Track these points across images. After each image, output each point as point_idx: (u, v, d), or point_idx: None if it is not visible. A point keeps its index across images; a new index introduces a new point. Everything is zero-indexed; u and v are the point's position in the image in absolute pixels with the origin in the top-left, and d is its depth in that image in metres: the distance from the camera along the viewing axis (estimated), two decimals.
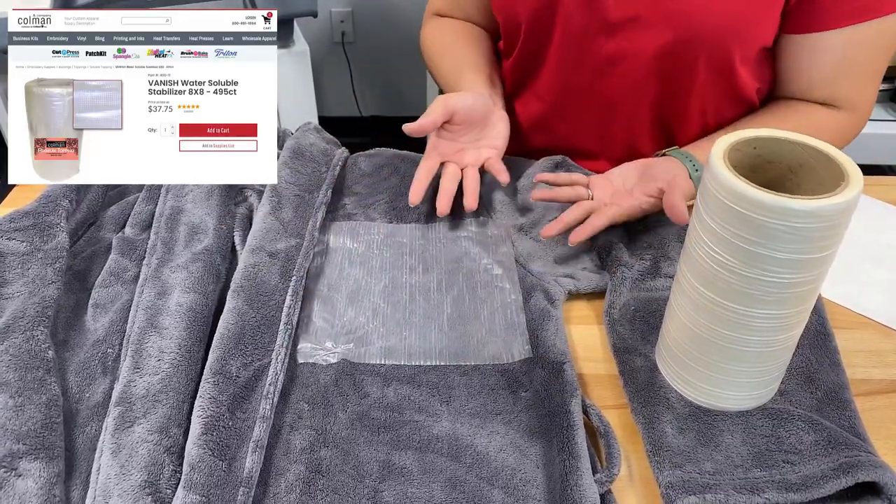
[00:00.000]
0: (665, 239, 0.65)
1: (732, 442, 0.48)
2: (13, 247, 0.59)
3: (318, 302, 0.60)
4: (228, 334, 0.52)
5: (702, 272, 0.46)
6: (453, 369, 0.54)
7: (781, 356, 0.49)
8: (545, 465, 0.47)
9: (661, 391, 0.52)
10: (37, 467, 0.45)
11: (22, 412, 0.47)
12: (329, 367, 0.54)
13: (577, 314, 0.61)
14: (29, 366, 0.50)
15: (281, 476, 0.46)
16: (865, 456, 0.45)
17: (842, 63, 0.69)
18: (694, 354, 0.49)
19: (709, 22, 0.67)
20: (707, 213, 0.44)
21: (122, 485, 0.44)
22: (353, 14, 2.16)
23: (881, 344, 0.59)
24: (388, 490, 0.46)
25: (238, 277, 0.57)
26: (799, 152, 0.46)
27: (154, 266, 0.59)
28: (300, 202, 0.67)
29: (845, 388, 0.52)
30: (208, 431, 0.46)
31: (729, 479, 0.45)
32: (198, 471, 0.44)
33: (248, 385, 0.51)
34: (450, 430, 0.49)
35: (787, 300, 0.44)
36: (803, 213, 0.40)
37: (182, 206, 0.65)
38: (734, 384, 0.49)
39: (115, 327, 0.56)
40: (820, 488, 0.44)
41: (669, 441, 0.48)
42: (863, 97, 0.73)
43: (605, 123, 0.79)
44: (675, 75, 0.72)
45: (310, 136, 0.76)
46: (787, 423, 0.49)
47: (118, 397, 0.49)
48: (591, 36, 0.72)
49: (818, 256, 0.42)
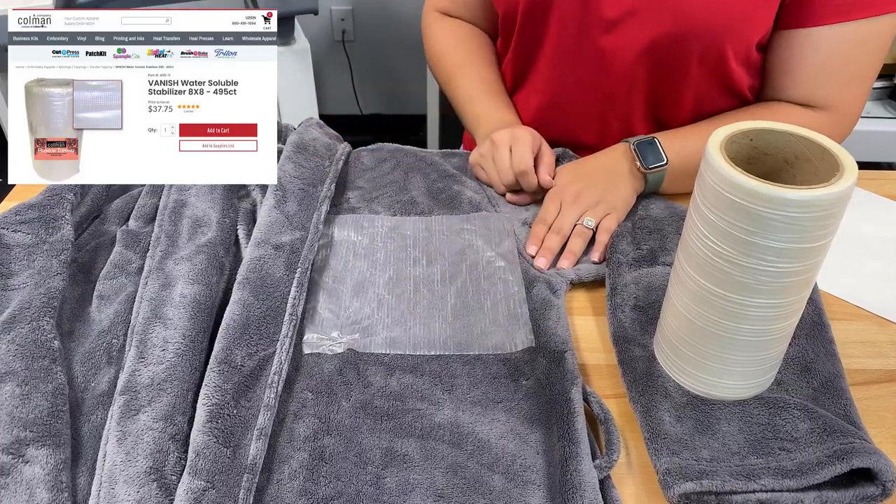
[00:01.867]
0: (664, 229, 0.66)
1: (729, 430, 0.49)
2: (19, 239, 0.60)
3: (323, 294, 0.61)
4: (234, 325, 0.53)
5: (699, 262, 0.47)
6: (456, 359, 0.55)
7: (778, 346, 0.50)
8: (545, 452, 0.48)
9: (659, 380, 0.52)
10: (44, 454, 0.45)
11: (29, 400, 0.48)
12: (333, 356, 0.55)
13: (578, 305, 0.62)
14: (35, 355, 0.51)
15: (284, 463, 0.47)
16: (860, 443, 0.46)
17: (826, 62, 0.69)
18: (691, 344, 0.50)
19: (703, 16, 0.67)
20: (704, 203, 0.45)
21: (127, 471, 0.45)
22: (353, 12, 2.16)
23: (877, 335, 0.59)
24: (390, 476, 0.47)
25: (244, 270, 0.58)
26: (795, 144, 0.47)
27: (158, 258, 0.60)
28: (304, 196, 0.68)
29: (841, 377, 0.52)
30: (213, 419, 0.47)
31: (725, 466, 0.46)
32: (203, 457, 0.45)
33: (253, 374, 0.51)
34: (451, 417, 0.50)
35: (783, 290, 0.45)
36: (799, 202, 0.41)
37: (185, 199, 0.66)
38: (731, 373, 0.50)
39: (120, 318, 0.57)
40: (815, 474, 0.44)
41: (667, 429, 0.49)
42: (845, 99, 0.72)
43: (602, 116, 0.80)
44: (669, 68, 0.73)
45: (312, 131, 0.76)
46: (783, 411, 0.50)
47: (123, 386, 0.50)
48: (586, 29, 0.73)
49: (814, 246, 0.43)
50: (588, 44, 0.74)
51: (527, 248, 0.67)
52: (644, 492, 0.48)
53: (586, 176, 0.71)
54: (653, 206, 0.70)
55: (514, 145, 0.72)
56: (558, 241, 0.66)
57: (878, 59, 0.70)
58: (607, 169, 0.71)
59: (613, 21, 0.71)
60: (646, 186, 0.71)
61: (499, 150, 0.72)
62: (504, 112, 0.81)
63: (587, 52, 0.75)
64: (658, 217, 0.68)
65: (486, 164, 0.75)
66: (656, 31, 0.70)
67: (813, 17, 0.67)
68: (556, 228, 0.67)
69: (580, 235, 0.67)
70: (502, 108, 0.81)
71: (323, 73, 2.27)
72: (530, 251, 0.66)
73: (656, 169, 0.69)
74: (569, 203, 0.69)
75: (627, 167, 0.70)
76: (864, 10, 0.65)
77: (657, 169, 0.69)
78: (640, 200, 0.71)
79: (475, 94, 0.83)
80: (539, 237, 0.67)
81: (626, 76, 0.75)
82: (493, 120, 0.79)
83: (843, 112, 0.72)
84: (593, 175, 0.71)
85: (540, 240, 0.67)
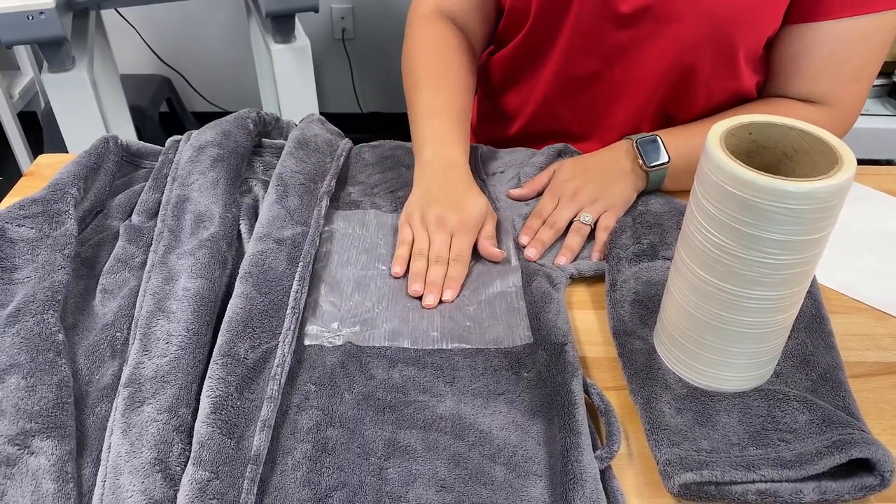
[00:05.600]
0: (664, 223, 0.66)
1: (729, 421, 0.49)
2: (23, 233, 0.60)
3: (325, 287, 0.61)
4: (237, 318, 0.54)
5: (699, 254, 0.47)
6: (457, 351, 0.55)
7: (777, 338, 0.50)
8: (546, 443, 0.49)
9: (660, 373, 0.53)
10: (49, 445, 0.46)
11: (34, 392, 0.48)
12: (335, 349, 0.55)
13: (578, 299, 0.63)
14: (40, 348, 0.51)
15: (288, 454, 0.48)
16: (859, 434, 0.46)
17: (830, 57, 0.69)
18: (691, 336, 0.51)
19: (717, 12, 0.68)
20: (704, 196, 0.46)
21: (132, 462, 0.45)
22: (353, 10, 2.17)
23: (875, 328, 0.60)
24: (392, 467, 0.47)
25: (246, 264, 0.58)
26: (794, 137, 0.47)
27: (161, 253, 0.60)
28: (305, 191, 0.68)
29: (840, 369, 0.53)
30: (217, 411, 0.47)
31: (725, 457, 0.46)
32: (207, 448, 0.45)
33: (256, 367, 0.52)
34: (453, 409, 0.51)
35: (782, 282, 0.46)
36: (798, 194, 0.41)
37: (188, 194, 0.66)
38: (731, 365, 0.50)
39: (124, 312, 0.58)
40: (814, 465, 0.45)
41: (667, 420, 0.49)
42: (847, 95, 0.72)
43: (609, 110, 0.80)
44: (681, 64, 0.73)
45: (314, 127, 0.77)
46: (782, 403, 0.50)
47: (127, 378, 0.50)
48: (602, 24, 0.73)
49: (812, 238, 0.43)
50: (602, 38, 0.74)
51: (519, 237, 0.67)
52: (644, 482, 0.48)
53: (586, 173, 0.71)
54: (653, 200, 0.71)
55: (456, 234, 0.65)
56: (551, 235, 0.67)
57: (881, 54, 0.70)
58: (608, 166, 0.71)
59: (629, 16, 0.71)
60: (647, 184, 0.71)
61: (438, 234, 0.65)
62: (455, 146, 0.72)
63: (601, 46, 0.75)
64: (658, 212, 0.69)
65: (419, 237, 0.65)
66: (670, 27, 0.70)
67: (822, 11, 0.67)
68: (551, 223, 0.68)
69: (578, 232, 0.67)
70: (454, 141, 0.72)
71: (323, 72, 2.28)
72: (522, 241, 0.67)
73: (658, 167, 0.69)
74: (566, 199, 0.69)
75: (629, 165, 0.70)
76: (870, 5, 0.66)
77: (659, 167, 0.70)
78: (639, 196, 0.71)
79: (433, 112, 0.74)
80: (532, 229, 0.68)
81: (640, 72, 0.75)
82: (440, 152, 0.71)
83: (845, 108, 0.73)
84: (593, 172, 0.71)
85: (533, 231, 0.67)
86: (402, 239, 0.66)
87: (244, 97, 2.32)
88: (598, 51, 0.75)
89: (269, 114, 0.78)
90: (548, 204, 0.69)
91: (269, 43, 1.48)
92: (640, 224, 0.67)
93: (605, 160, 0.72)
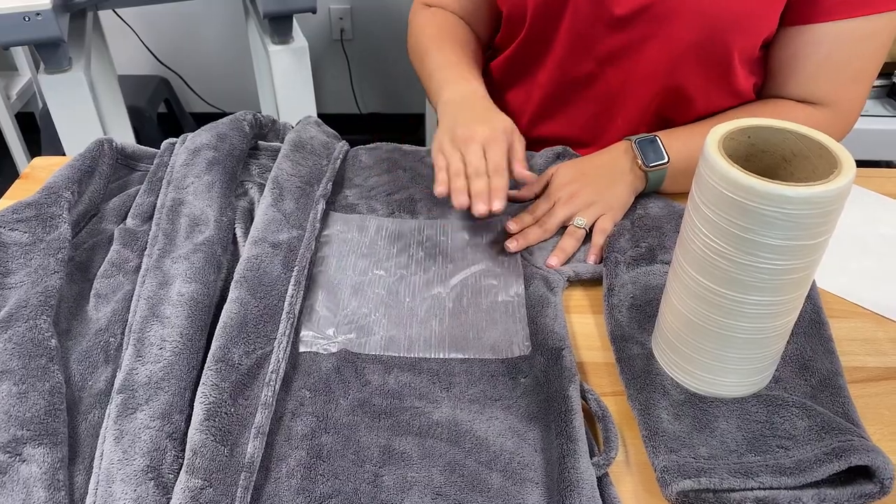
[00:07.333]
0: (662, 227, 0.66)
1: (727, 428, 0.49)
2: (16, 237, 0.60)
3: (321, 292, 0.61)
4: (231, 323, 0.53)
5: (697, 259, 0.47)
6: (454, 358, 0.55)
7: (776, 343, 0.50)
8: (543, 449, 0.48)
9: (657, 378, 0.52)
10: (40, 453, 0.45)
11: (26, 399, 0.48)
12: (330, 355, 0.55)
13: (575, 304, 0.62)
14: (32, 354, 0.51)
15: (282, 461, 0.47)
16: (858, 440, 0.46)
17: (828, 59, 0.69)
18: (689, 341, 0.50)
19: (714, 14, 0.67)
20: (702, 200, 0.45)
21: (124, 469, 0.45)
22: (351, 11, 2.16)
23: (875, 332, 0.59)
24: (388, 474, 0.47)
25: (241, 268, 0.58)
26: (792, 141, 0.46)
27: (155, 257, 0.60)
28: (301, 194, 0.67)
29: (839, 375, 0.52)
30: (210, 417, 0.47)
31: (724, 464, 0.46)
32: (200, 455, 0.45)
33: (251, 373, 0.51)
34: (450, 415, 0.50)
35: (780, 287, 0.45)
36: (797, 199, 0.41)
37: (183, 197, 0.66)
38: (729, 371, 0.50)
39: (117, 317, 0.57)
40: (813, 472, 0.44)
41: (665, 427, 0.49)
42: (846, 96, 0.72)
43: (606, 113, 0.80)
44: (678, 67, 0.72)
45: (310, 130, 0.76)
46: (781, 409, 0.50)
47: (120, 385, 0.50)
48: (597, 27, 0.73)
49: (811, 243, 0.43)
50: (597, 40, 0.74)
51: (507, 224, 0.67)
52: (642, 489, 0.48)
53: (584, 175, 0.71)
54: (651, 203, 0.70)
55: (487, 146, 0.66)
56: (538, 235, 0.67)
57: (879, 56, 0.70)
58: (607, 167, 0.71)
59: (623, 18, 0.71)
60: (647, 185, 0.71)
61: (470, 148, 0.65)
62: (470, 81, 0.75)
63: (596, 49, 0.74)
64: (657, 215, 0.68)
65: (453, 159, 0.66)
66: (665, 29, 0.70)
67: (819, 12, 0.67)
68: (542, 223, 0.68)
69: (572, 235, 0.67)
70: (468, 78, 0.75)
71: (321, 73, 2.27)
72: (509, 227, 0.67)
73: (657, 167, 0.69)
74: (562, 202, 0.68)
75: (628, 165, 0.70)
76: (868, 6, 0.65)
77: (658, 167, 0.69)
78: (638, 199, 0.71)
79: (444, 64, 0.78)
80: (522, 224, 0.68)
81: (636, 75, 0.74)
82: (457, 87, 0.74)
83: (844, 109, 0.72)
84: (591, 174, 0.71)
85: (522, 226, 0.67)
86: (439, 166, 0.66)
87: (242, 98, 2.31)
88: (594, 53, 0.75)
89: (265, 116, 0.78)
90: (543, 206, 0.69)
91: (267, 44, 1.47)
92: (639, 227, 0.67)
93: (603, 162, 0.72)
